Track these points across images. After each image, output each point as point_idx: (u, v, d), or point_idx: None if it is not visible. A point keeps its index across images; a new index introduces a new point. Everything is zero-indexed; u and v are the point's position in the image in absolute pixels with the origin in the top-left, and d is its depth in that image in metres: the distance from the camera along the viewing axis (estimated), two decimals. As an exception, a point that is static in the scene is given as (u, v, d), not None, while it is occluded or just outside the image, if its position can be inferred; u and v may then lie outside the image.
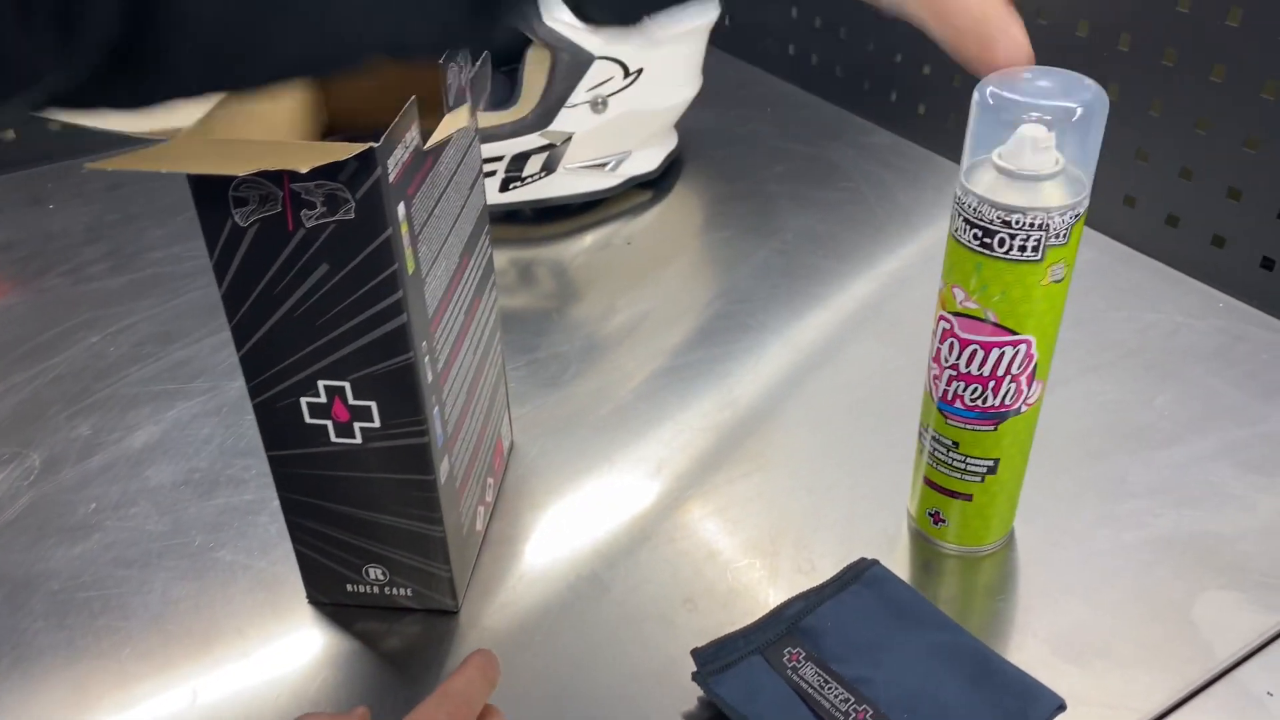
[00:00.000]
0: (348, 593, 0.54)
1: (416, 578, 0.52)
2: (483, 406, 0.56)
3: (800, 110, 1.04)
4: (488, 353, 0.57)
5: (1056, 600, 0.54)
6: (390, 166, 0.41)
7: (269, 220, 0.41)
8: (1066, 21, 0.80)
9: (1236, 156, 0.72)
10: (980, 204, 0.46)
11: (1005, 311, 0.48)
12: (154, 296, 0.79)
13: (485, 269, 0.56)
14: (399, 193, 0.42)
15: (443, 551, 0.51)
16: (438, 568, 0.52)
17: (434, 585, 0.53)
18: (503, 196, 0.86)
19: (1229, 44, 0.70)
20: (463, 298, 0.52)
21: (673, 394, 0.69)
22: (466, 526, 0.54)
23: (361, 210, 0.40)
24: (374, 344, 0.44)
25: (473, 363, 0.54)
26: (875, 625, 0.51)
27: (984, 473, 0.53)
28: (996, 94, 0.46)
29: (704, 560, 0.56)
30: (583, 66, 0.81)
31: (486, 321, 0.57)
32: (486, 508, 0.58)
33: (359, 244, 0.41)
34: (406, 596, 0.53)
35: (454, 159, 0.49)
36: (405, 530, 0.50)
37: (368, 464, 0.48)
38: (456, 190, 0.50)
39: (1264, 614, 0.52)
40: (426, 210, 0.45)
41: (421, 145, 0.44)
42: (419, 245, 0.45)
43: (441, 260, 0.48)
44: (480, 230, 0.55)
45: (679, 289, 0.80)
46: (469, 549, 0.55)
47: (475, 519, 0.56)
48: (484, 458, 0.57)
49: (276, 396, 0.46)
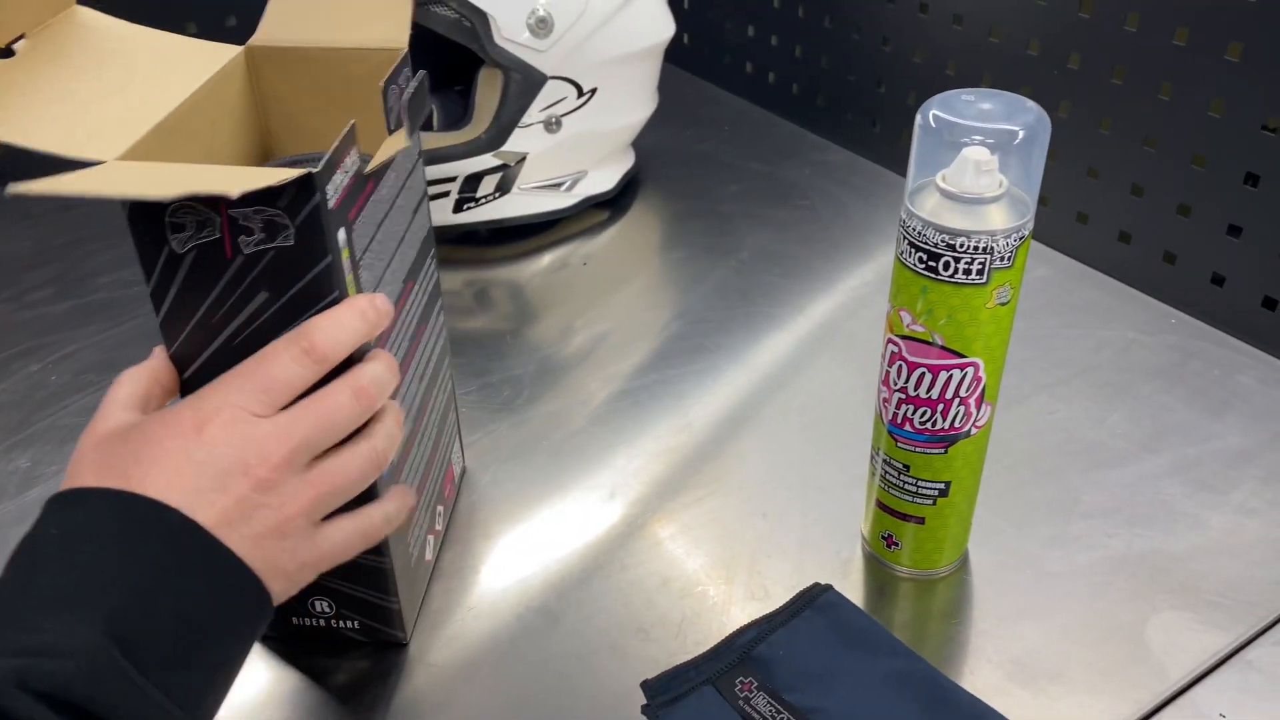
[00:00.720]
0: (293, 625, 0.52)
1: (364, 610, 0.51)
2: (431, 433, 0.55)
3: (757, 128, 1.04)
4: (436, 378, 0.56)
5: (1010, 624, 0.53)
6: (330, 192, 0.40)
7: (206, 246, 0.40)
8: (1018, 41, 0.80)
9: (1185, 174, 0.73)
10: (924, 227, 0.46)
11: (952, 334, 0.47)
12: (99, 323, 0.77)
13: (431, 293, 0.55)
14: (339, 218, 0.41)
15: (391, 584, 0.50)
16: (386, 600, 0.51)
17: (382, 618, 0.51)
18: (457, 217, 0.85)
19: (1175, 63, 0.71)
20: (407, 324, 0.51)
21: (628, 418, 0.68)
22: (415, 556, 0.53)
23: (301, 237, 0.40)
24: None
25: (419, 390, 0.53)
26: (828, 652, 0.50)
27: (935, 495, 0.53)
28: (939, 116, 0.45)
29: (657, 588, 0.56)
30: (535, 86, 0.80)
31: (434, 347, 0.56)
32: (437, 536, 0.57)
33: (299, 271, 0.41)
34: (354, 629, 0.52)
35: (396, 182, 0.48)
36: (352, 562, 0.49)
37: None
38: (399, 214, 0.49)
39: (1215, 634, 0.52)
40: (368, 235, 0.45)
41: (362, 169, 0.43)
42: (360, 271, 0.44)
43: (385, 286, 0.47)
44: (426, 254, 0.54)
45: (636, 310, 0.79)
46: (418, 580, 0.54)
47: (425, 548, 0.55)
48: (433, 486, 0.56)
49: None
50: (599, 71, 0.83)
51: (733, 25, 1.08)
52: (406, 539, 0.51)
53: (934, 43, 0.88)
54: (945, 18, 0.86)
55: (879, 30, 0.92)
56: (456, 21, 0.78)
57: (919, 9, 0.88)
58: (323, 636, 0.52)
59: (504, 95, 0.80)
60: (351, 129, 0.42)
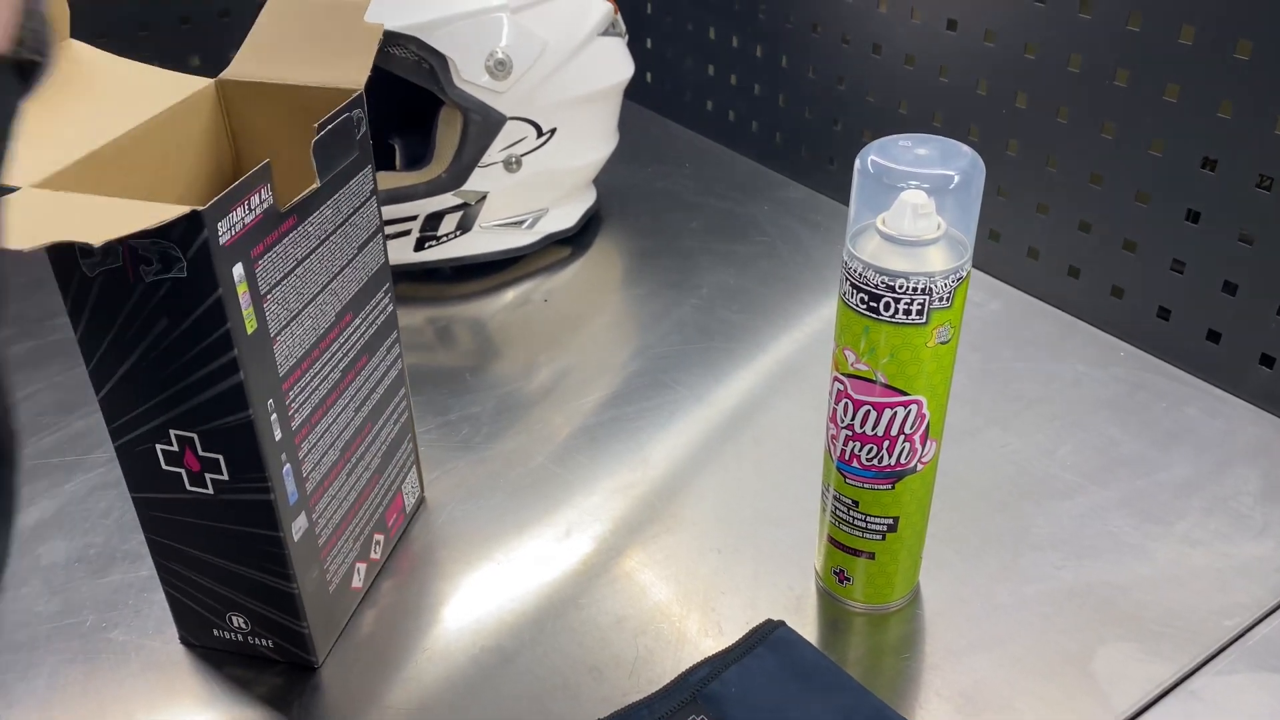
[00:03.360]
0: (215, 637, 0.54)
1: (276, 631, 0.52)
2: (369, 463, 0.56)
3: (718, 165, 1.06)
4: (382, 410, 0.57)
5: (961, 657, 0.54)
6: (223, 229, 0.41)
7: (112, 273, 0.42)
8: (967, 81, 0.82)
9: (1129, 209, 0.75)
10: (865, 269, 0.47)
11: (894, 373, 0.48)
12: (57, 364, 0.77)
13: (381, 327, 0.56)
14: (237, 254, 0.42)
15: (298, 608, 0.51)
16: (294, 623, 0.52)
17: (294, 640, 0.52)
18: (418, 256, 0.85)
19: (1118, 102, 0.73)
20: (339, 356, 0.52)
21: (586, 455, 0.68)
22: (336, 583, 0.54)
23: (193, 270, 0.41)
24: (214, 400, 0.45)
25: (352, 420, 0.54)
26: (780, 690, 0.51)
27: (884, 530, 0.54)
28: (877, 162, 0.47)
29: (611, 626, 0.56)
30: (495, 127, 0.81)
31: (380, 379, 0.56)
32: (371, 565, 0.58)
33: (193, 302, 0.42)
34: (269, 648, 0.53)
35: (332, 218, 0.50)
36: (261, 583, 0.51)
37: (221, 515, 0.48)
38: (335, 250, 0.50)
39: (1159, 664, 0.53)
40: (281, 270, 0.46)
41: (277, 206, 0.45)
42: (266, 304, 0.45)
43: (304, 319, 0.48)
44: (375, 288, 0.55)
45: (596, 347, 0.80)
46: (337, 606, 0.55)
47: (350, 576, 0.56)
48: (368, 514, 0.57)
49: (134, 441, 0.47)
50: (558, 112, 0.84)
51: (693, 63, 1.10)
52: (322, 564, 0.52)
53: (887, 83, 0.89)
54: (897, 58, 0.88)
55: (834, 70, 0.94)
56: (416, 64, 0.79)
57: (872, 50, 0.90)
58: (242, 650, 0.54)
59: (464, 135, 0.81)
60: (263, 168, 0.43)
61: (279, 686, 0.53)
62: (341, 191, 0.50)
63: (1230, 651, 0.54)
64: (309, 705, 0.52)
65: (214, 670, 0.54)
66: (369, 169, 0.52)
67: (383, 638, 0.56)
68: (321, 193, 0.48)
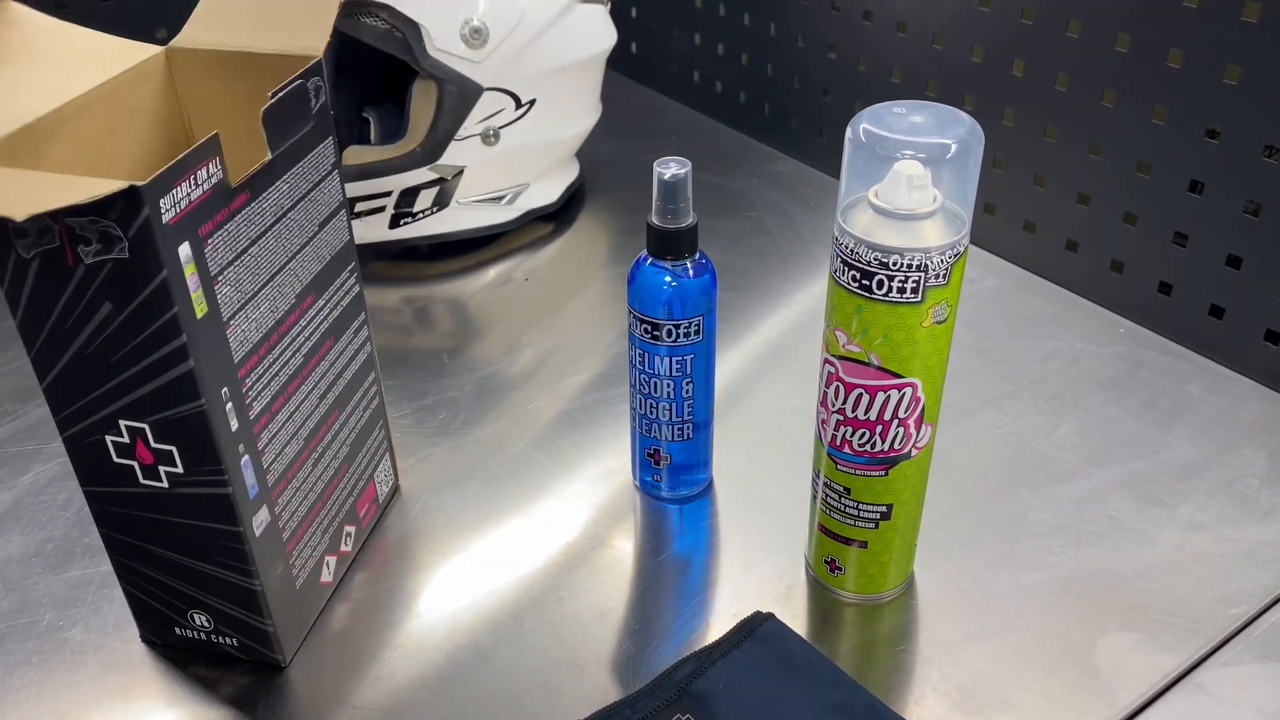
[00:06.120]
0: (177, 635, 0.51)
1: (240, 629, 0.50)
2: (336, 453, 0.53)
3: (705, 138, 1.03)
4: (349, 397, 0.54)
5: (956, 649, 0.52)
6: (166, 206, 0.39)
7: (50, 254, 0.39)
8: (961, 48, 0.79)
9: (1129, 181, 0.72)
10: (857, 245, 0.44)
11: (888, 355, 0.46)
12: (16, 349, 0.74)
13: (347, 309, 0.53)
14: (182, 233, 0.40)
15: (262, 605, 0.48)
16: (259, 621, 0.49)
17: (258, 638, 0.50)
18: (393, 233, 0.82)
19: (1119, 70, 0.70)
20: (301, 340, 0.49)
21: (568, 440, 0.66)
22: (303, 578, 0.52)
23: (135, 250, 0.39)
24: (164, 388, 0.42)
25: (316, 408, 0.51)
26: (768, 685, 0.48)
27: (877, 519, 0.51)
28: (869, 130, 0.44)
29: (593, 620, 0.54)
30: (471, 98, 0.78)
31: (347, 364, 0.54)
32: (341, 558, 0.55)
33: (136, 285, 0.40)
34: (233, 646, 0.51)
35: (289, 194, 0.47)
36: (222, 580, 0.48)
37: (177, 509, 0.46)
38: (293, 227, 0.47)
39: (1164, 655, 0.51)
40: (233, 249, 0.43)
41: (227, 181, 0.42)
42: (217, 286, 0.42)
43: (261, 302, 0.45)
44: (340, 268, 0.52)
45: (580, 327, 0.77)
46: (305, 602, 0.52)
47: (319, 570, 0.53)
48: (337, 506, 0.54)
49: (83, 432, 0.44)
50: (538, 82, 0.81)
51: (679, 33, 1.06)
52: (288, 559, 0.50)
53: (878, 51, 0.86)
54: (889, 26, 0.85)
55: (824, 38, 0.90)
56: (387, 32, 0.75)
57: (863, 17, 0.86)
58: (205, 649, 0.51)
59: (439, 107, 0.78)
60: (211, 140, 0.41)
61: (244, 686, 0.50)
62: (299, 166, 0.47)
63: (1236, 641, 0.52)
64: (275, 705, 0.50)
65: (177, 671, 0.51)
66: (329, 141, 0.49)
67: (354, 634, 0.53)
68: (276, 167, 0.45)
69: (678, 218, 0.54)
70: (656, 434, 0.58)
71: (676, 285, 0.54)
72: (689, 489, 0.61)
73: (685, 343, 0.55)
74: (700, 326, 0.55)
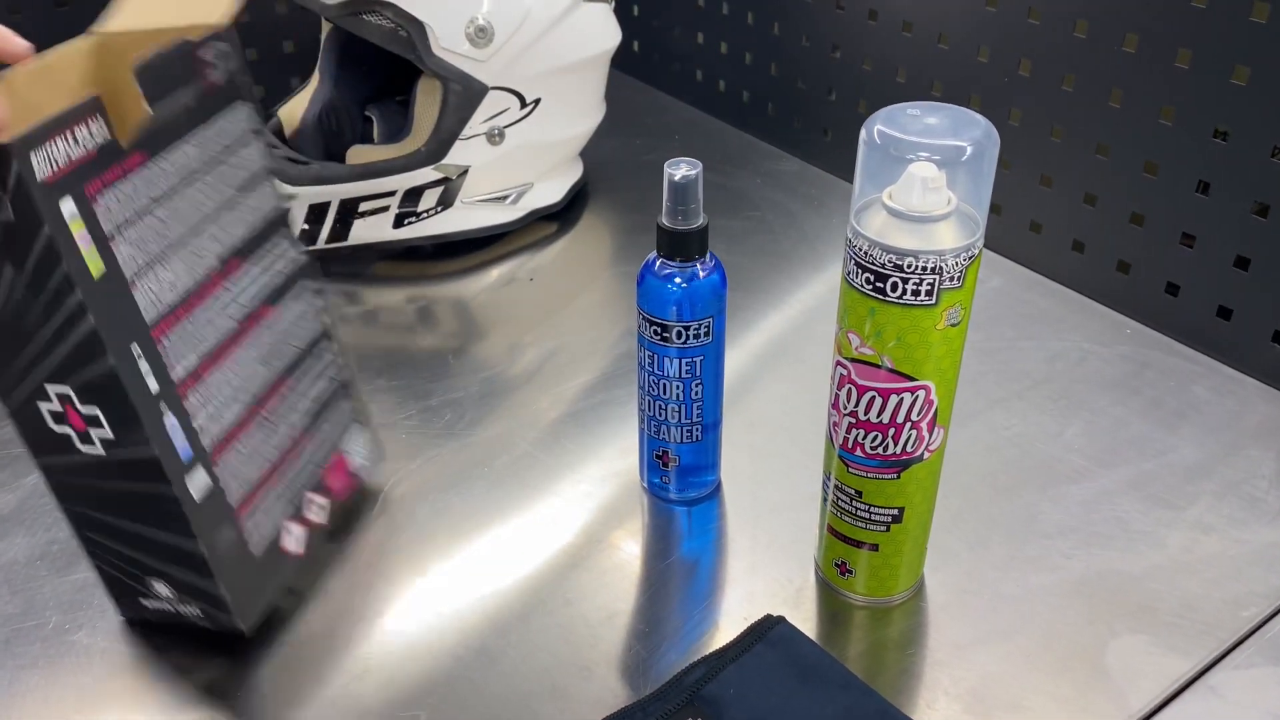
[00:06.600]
0: (147, 609, 0.52)
1: (198, 595, 0.50)
2: (292, 420, 0.54)
3: (707, 137, 1.02)
4: (302, 364, 0.55)
5: (967, 652, 0.52)
6: (40, 162, 0.39)
7: None
8: (967, 48, 0.79)
9: (1137, 181, 0.72)
10: (871, 247, 0.44)
11: (901, 357, 0.46)
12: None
13: (290, 275, 0.54)
14: (64, 189, 0.40)
15: (210, 569, 0.48)
16: (211, 586, 0.49)
17: (215, 604, 0.50)
18: (396, 233, 0.82)
19: (1126, 69, 0.70)
20: (230, 304, 0.49)
21: (573, 441, 0.66)
22: (263, 545, 0.52)
23: (16, 208, 0.39)
24: (75, 350, 0.43)
25: (259, 373, 0.51)
26: (780, 689, 0.48)
27: (889, 522, 0.51)
28: (884, 132, 0.44)
29: (601, 624, 0.53)
30: (476, 97, 0.78)
31: (293, 330, 0.54)
32: (309, 527, 0.55)
33: (26, 243, 0.40)
34: (198, 616, 0.51)
35: (198, 157, 0.48)
36: (172, 546, 0.48)
37: (118, 475, 0.46)
38: (207, 191, 0.48)
39: (1175, 658, 0.51)
40: (131, 209, 0.44)
41: (116, 141, 0.43)
42: (116, 246, 0.43)
43: (173, 263, 0.46)
44: (272, 233, 0.53)
45: (584, 327, 0.77)
46: (265, 569, 0.52)
47: (279, 537, 0.53)
48: (298, 474, 0.54)
49: (23, 402, 0.45)
50: (543, 81, 0.81)
51: (681, 32, 1.06)
52: (236, 524, 0.50)
53: (883, 50, 0.86)
54: (894, 25, 0.84)
55: (828, 37, 0.90)
56: (392, 31, 0.75)
57: (868, 16, 0.86)
58: (175, 621, 0.52)
59: (444, 107, 0.78)
60: (90, 101, 0.41)
61: (254, 687, 0.50)
62: (206, 129, 0.48)
63: (1248, 644, 0.51)
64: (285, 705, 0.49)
65: (182, 678, 0.51)
66: (244, 107, 0.50)
67: (360, 636, 0.53)
68: (174, 128, 0.46)
69: (688, 219, 0.53)
70: (665, 436, 0.58)
71: (686, 287, 0.54)
72: (697, 491, 0.61)
73: (695, 344, 0.55)
74: (710, 328, 0.55)
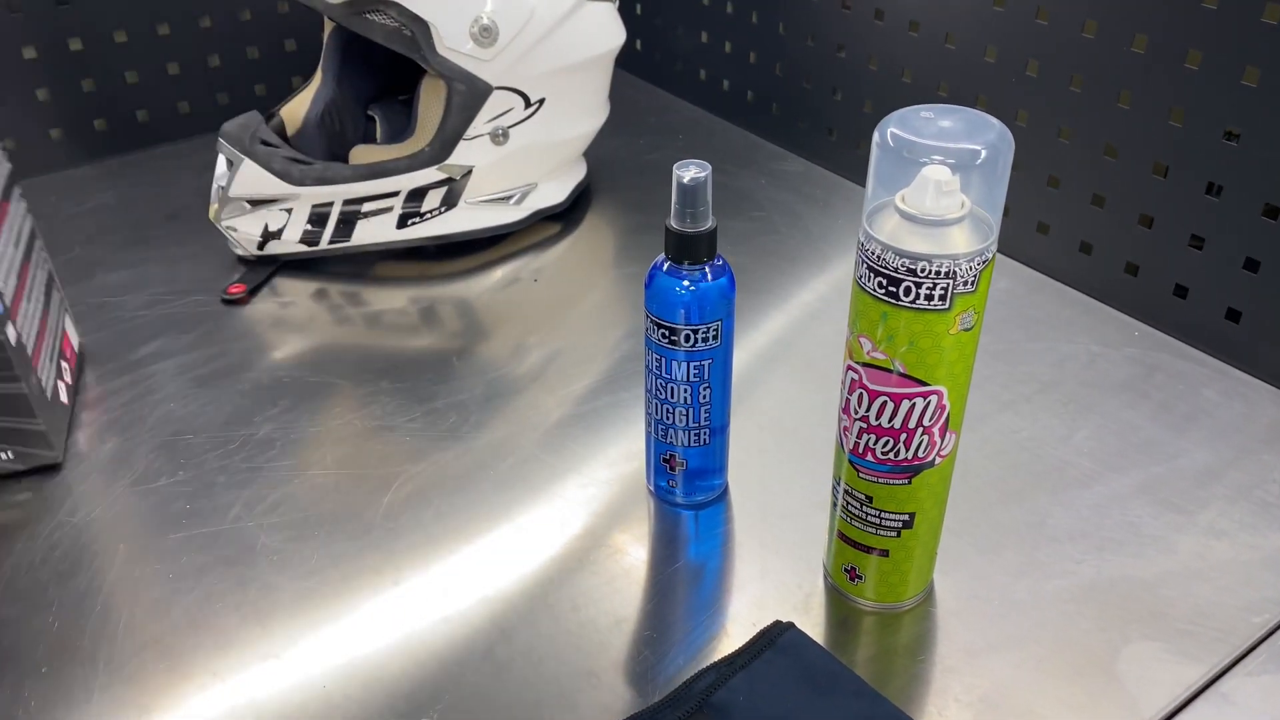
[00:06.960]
0: None
1: (12, 438, 0.59)
2: (38, 297, 0.64)
3: (712, 137, 1.02)
4: (30, 252, 0.65)
5: (978, 658, 0.51)
6: None
7: None
8: (974, 48, 0.79)
9: (1146, 183, 0.72)
10: (884, 251, 0.43)
11: (914, 362, 0.45)
12: None
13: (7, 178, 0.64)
14: None
15: (32, 406, 0.59)
16: (31, 423, 0.59)
17: (32, 441, 0.60)
18: (400, 233, 0.81)
19: (1135, 70, 0.70)
20: None
21: (579, 443, 0.65)
22: (50, 391, 0.62)
23: None
24: None
25: (14, 253, 0.61)
26: (790, 697, 0.48)
27: (899, 527, 0.51)
28: (897, 135, 0.43)
29: (609, 629, 0.53)
30: (480, 97, 0.77)
31: (21, 225, 0.64)
32: (67, 386, 0.67)
33: None
34: (9, 460, 0.60)
35: None
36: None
37: None
38: None
39: (1187, 665, 0.50)
40: None
41: None
42: None
43: None
44: None
45: (588, 328, 0.76)
46: (58, 414, 0.64)
47: (58, 392, 0.64)
48: (52, 339, 0.65)
49: None
50: (547, 81, 0.80)
51: (685, 31, 1.06)
52: (36, 372, 0.60)
53: (890, 50, 0.86)
54: (901, 25, 0.84)
55: (834, 37, 0.90)
56: (396, 30, 0.74)
57: (874, 15, 0.86)
58: None
59: (448, 107, 0.77)
60: None
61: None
62: None
63: (1260, 651, 0.51)
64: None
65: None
66: None
67: (361, 639, 0.52)
68: None
69: (697, 221, 0.53)
70: (672, 439, 0.57)
71: (694, 289, 0.53)
72: (705, 494, 0.60)
73: (703, 347, 0.54)
74: (718, 331, 0.54)
